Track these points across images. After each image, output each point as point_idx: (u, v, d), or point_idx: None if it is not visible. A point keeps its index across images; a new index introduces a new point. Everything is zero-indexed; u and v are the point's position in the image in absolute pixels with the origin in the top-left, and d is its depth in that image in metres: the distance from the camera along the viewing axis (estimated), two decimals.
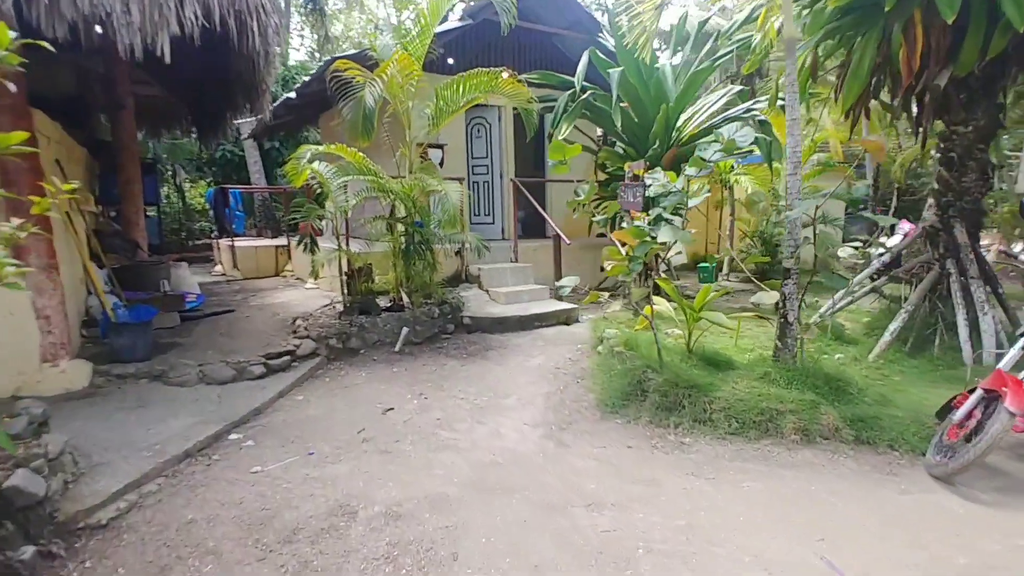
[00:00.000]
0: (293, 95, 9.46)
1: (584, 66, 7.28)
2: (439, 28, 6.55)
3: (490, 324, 6.80)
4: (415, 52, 6.16)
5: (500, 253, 8.02)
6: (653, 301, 4.66)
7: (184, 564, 2.56)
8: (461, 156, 9.19)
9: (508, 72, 6.31)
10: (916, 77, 4.61)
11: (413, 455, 3.66)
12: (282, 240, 11.26)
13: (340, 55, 7.17)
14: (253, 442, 3.79)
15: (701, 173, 4.00)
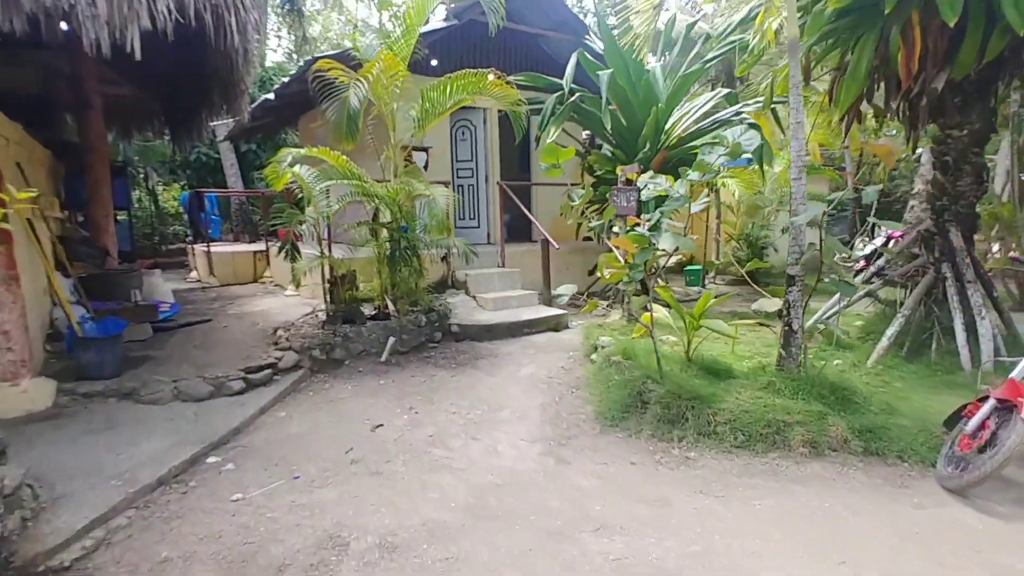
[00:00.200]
0: (272, 96, 9.17)
1: (572, 68, 7.15)
2: (423, 28, 6.35)
3: (479, 332, 6.63)
4: (400, 52, 5.95)
5: (486, 258, 7.84)
6: (651, 308, 4.51)
7: None
8: (446, 159, 8.98)
9: (494, 74, 6.15)
10: (913, 80, 4.55)
11: (406, 477, 3.45)
12: (260, 245, 10.93)
13: (322, 55, 6.91)
14: (233, 465, 3.54)
15: (705, 177, 3.87)
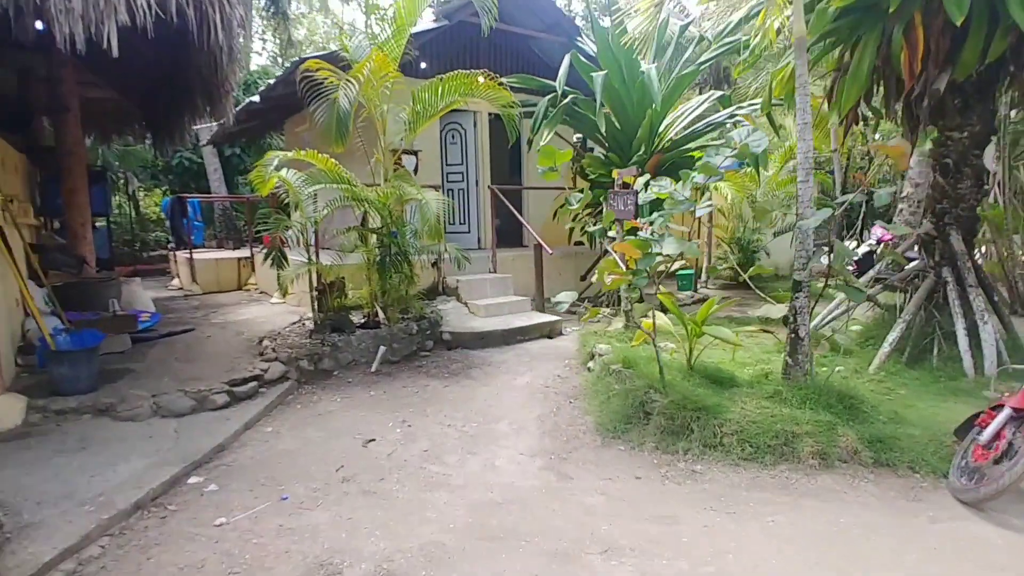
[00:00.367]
0: (257, 99, 8.96)
1: (566, 69, 7.02)
2: (414, 29, 6.20)
3: (471, 339, 6.47)
4: (391, 53, 5.79)
5: (478, 263, 7.68)
6: (653, 315, 4.38)
7: None
8: (435, 163, 8.83)
9: (484, 77, 6.00)
10: (915, 81, 4.48)
11: (401, 496, 3.27)
12: (245, 252, 10.67)
13: (310, 55, 6.73)
14: (216, 486, 3.34)
15: (712, 180, 3.75)
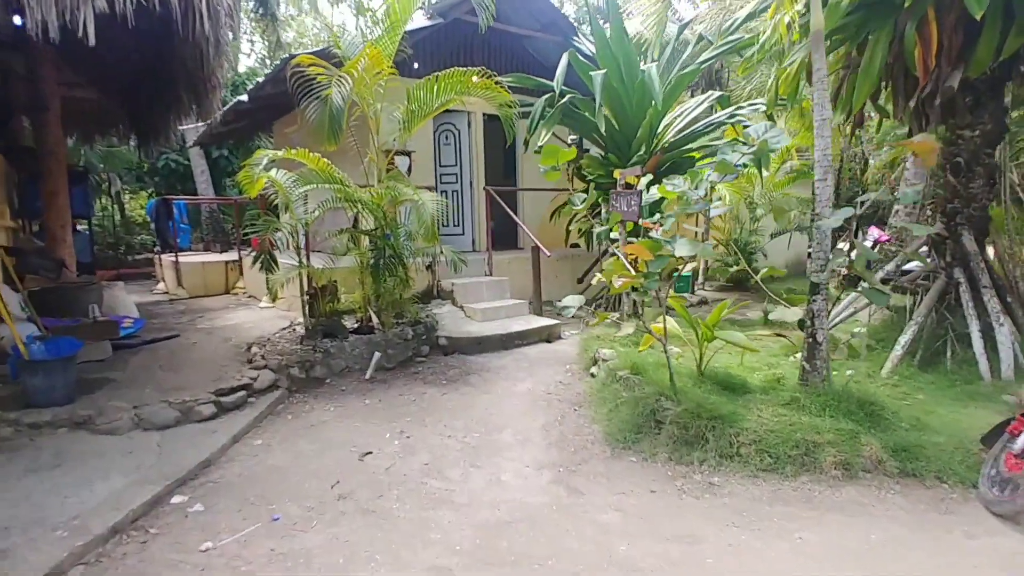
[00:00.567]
0: (245, 98, 8.69)
1: (564, 68, 6.86)
2: (408, 27, 6.00)
3: (468, 344, 6.27)
4: (385, 50, 5.58)
5: (473, 266, 7.49)
6: (663, 319, 4.20)
7: None
8: (429, 164, 8.62)
9: (480, 76, 5.83)
10: (928, 78, 4.35)
11: (402, 515, 3.05)
12: (233, 255, 10.39)
13: (301, 52, 6.51)
14: (202, 506, 3.10)
15: (726, 178, 3.58)
